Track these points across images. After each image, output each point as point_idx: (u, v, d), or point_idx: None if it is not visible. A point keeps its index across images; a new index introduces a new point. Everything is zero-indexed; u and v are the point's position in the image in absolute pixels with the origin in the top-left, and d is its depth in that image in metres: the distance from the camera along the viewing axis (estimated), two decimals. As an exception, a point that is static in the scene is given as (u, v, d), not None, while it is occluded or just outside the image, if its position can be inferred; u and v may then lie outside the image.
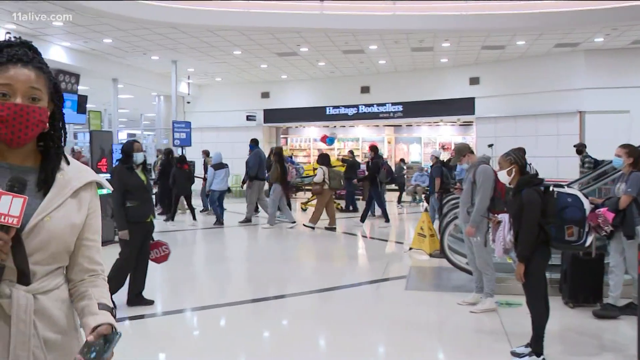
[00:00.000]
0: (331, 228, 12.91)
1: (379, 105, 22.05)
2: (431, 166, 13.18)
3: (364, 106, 22.30)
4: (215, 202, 13.73)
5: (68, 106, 17.02)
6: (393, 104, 21.81)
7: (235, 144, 21.61)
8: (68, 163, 1.79)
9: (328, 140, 22.92)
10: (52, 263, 1.69)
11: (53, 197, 1.69)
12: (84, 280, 1.79)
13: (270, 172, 13.44)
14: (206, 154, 16.97)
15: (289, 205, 14.07)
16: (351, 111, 22.51)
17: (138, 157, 6.41)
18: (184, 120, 18.94)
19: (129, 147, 6.43)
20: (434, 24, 14.47)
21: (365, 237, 12.39)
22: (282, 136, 25.68)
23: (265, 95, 23.59)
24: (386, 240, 11.96)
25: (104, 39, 15.46)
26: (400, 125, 24.55)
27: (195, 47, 16.71)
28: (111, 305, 1.78)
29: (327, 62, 19.40)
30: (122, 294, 6.42)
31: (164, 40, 15.67)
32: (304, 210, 16.58)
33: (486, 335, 5.73)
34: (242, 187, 15.54)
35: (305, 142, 26.05)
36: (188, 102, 22.95)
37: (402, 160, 21.07)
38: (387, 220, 13.44)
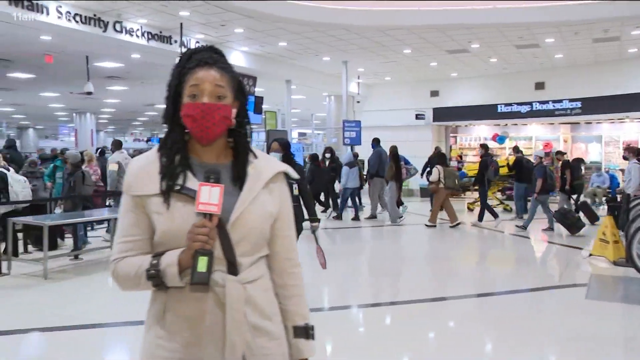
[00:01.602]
0: (455, 225, 12.90)
1: (554, 102, 20.74)
2: (534, 166, 12.75)
3: (538, 103, 21.11)
4: (347, 199, 14.06)
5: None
6: (570, 100, 20.38)
7: (405, 142, 21.52)
8: (256, 156, 1.91)
9: (499, 139, 22.07)
10: (254, 253, 1.83)
11: (249, 191, 1.82)
12: (283, 271, 1.93)
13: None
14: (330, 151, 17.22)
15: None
16: (524, 109, 21.40)
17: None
18: (354, 120, 19.23)
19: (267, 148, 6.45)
20: (624, 11, 13.21)
21: (536, 239, 11.71)
22: (451, 135, 25.09)
23: (434, 93, 23.24)
24: (557, 244, 11.21)
25: (279, 42, 16.15)
26: (578, 123, 22.88)
27: (366, 48, 16.88)
28: (306, 319, 1.95)
29: (499, 58, 18.62)
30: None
31: (336, 41, 16.01)
32: (471, 210, 16.14)
33: (683, 356, 5.11)
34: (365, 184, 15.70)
35: (475, 141, 25.25)
36: (358, 102, 23.26)
37: (580, 160, 19.64)
38: (480, 219, 13.44)
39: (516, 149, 15.49)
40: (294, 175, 1.96)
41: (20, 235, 9.44)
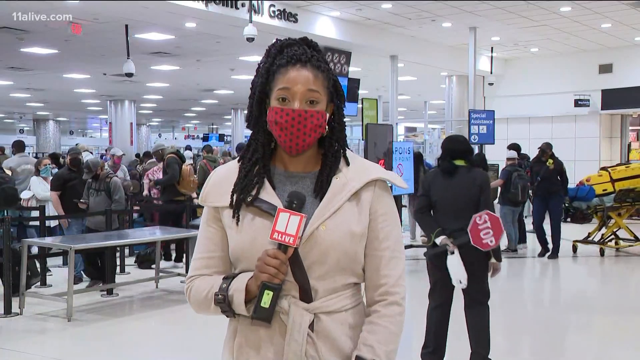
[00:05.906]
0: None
1: None
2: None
3: None
4: None
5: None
6: None
7: (557, 140, 21.04)
8: (348, 164, 2.15)
9: None
10: (334, 278, 2.07)
11: (327, 204, 2.07)
12: (373, 304, 2.12)
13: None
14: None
15: None
16: None
17: None
18: (485, 110, 19.00)
19: None
20: None
21: None
22: (630, 128, 24.26)
23: (605, 68, 22.45)
24: None
25: (382, 3, 16.20)
26: None
27: (503, 7, 16.60)
28: (378, 357, 2.02)
29: None
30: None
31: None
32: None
33: None
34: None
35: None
36: (490, 84, 22.97)
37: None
38: (515, 249, 13.75)
39: (518, 148, 14.92)
40: (398, 183, 2.14)
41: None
